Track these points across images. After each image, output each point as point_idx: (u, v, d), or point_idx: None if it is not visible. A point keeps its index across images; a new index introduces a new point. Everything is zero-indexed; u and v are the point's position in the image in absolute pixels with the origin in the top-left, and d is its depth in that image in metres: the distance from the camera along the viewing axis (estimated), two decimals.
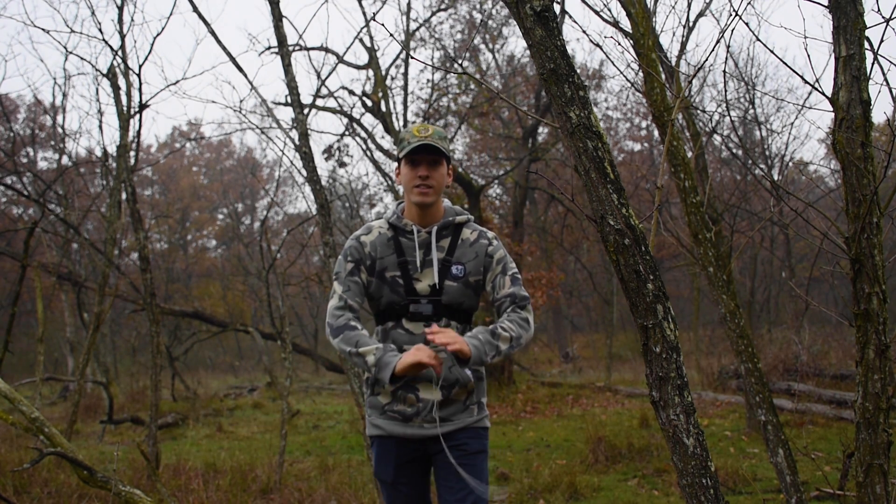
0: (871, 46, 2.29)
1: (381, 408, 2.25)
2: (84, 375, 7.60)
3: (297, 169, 6.05)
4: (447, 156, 2.24)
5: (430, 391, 2.18)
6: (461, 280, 2.23)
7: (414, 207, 2.25)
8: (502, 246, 2.34)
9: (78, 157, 13.00)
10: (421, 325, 2.19)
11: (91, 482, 3.21)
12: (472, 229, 2.32)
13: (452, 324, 2.23)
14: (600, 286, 17.68)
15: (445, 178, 2.26)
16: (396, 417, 2.23)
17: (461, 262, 2.25)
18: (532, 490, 5.05)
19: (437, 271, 2.21)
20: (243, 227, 31.02)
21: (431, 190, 2.20)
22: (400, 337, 2.20)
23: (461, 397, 2.24)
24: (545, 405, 10.05)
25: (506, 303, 2.27)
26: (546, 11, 1.67)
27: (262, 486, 5.29)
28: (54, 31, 12.33)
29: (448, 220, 2.29)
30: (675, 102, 3.34)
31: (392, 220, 2.29)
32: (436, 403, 2.20)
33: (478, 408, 2.27)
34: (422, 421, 2.20)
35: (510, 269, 2.29)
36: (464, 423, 2.22)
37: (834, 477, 4.69)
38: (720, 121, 10.00)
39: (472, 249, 2.28)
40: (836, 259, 4.74)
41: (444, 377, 2.17)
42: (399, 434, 2.22)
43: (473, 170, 15.73)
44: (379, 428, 2.26)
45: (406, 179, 2.23)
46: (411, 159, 2.20)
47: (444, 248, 2.26)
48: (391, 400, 2.23)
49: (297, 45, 9.22)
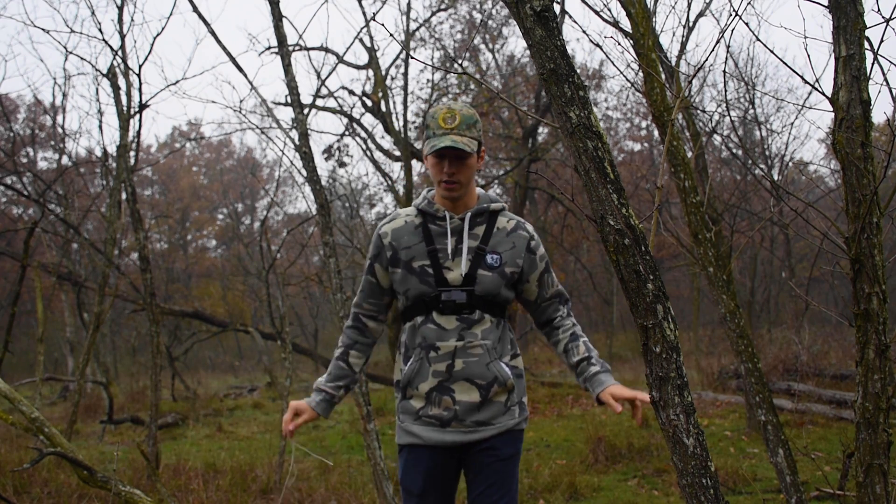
0: (871, 46, 2.28)
1: (414, 413, 2.09)
2: (84, 375, 7.60)
3: (297, 169, 6.04)
4: (478, 145, 2.08)
5: (468, 392, 2.05)
6: (497, 270, 2.08)
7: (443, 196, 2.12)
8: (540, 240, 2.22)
9: (78, 157, 13.00)
10: (453, 318, 2.04)
11: (91, 482, 3.21)
12: (507, 218, 2.17)
13: (486, 317, 2.07)
14: (600, 286, 17.68)
15: (475, 167, 2.11)
16: (433, 423, 2.06)
17: (497, 252, 2.10)
18: (532, 490, 5.05)
19: (471, 259, 2.07)
20: (243, 227, 31.03)
21: (458, 185, 2.06)
22: (431, 333, 2.05)
23: (501, 397, 2.08)
24: (545, 405, 10.05)
25: (555, 303, 2.21)
26: (546, 11, 1.67)
27: (262, 486, 5.29)
28: (54, 31, 12.33)
29: (483, 207, 2.13)
30: (675, 102, 3.34)
31: (422, 205, 2.14)
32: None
33: (519, 408, 2.13)
34: (460, 425, 2.05)
35: (551, 268, 2.22)
36: (506, 426, 2.08)
37: (834, 477, 4.69)
38: (720, 121, 10.00)
39: (510, 239, 2.13)
40: (836, 259, 4.75)
41: (481, 375, 2.04)
42: (436, 441, 2.06)
43: None
44: (414, 436, 2.09)
45: (433, 172, 2.09)
46: (437, 155, 2.06)
47: (479, 235, 2.10)
48: (425, 404, 2.07)
49: (297, 45, 9.22)
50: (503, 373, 2.07)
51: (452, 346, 2.05)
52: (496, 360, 2.07)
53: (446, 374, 2.05)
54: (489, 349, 2.06)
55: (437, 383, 2.05)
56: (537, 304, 2.21)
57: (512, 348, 2.15)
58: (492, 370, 2.06)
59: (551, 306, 2.22)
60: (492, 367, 2.06)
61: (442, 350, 2.05)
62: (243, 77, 5.13)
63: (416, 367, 2.08)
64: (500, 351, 2.10)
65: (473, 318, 2.06)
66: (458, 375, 2.04)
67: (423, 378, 2.07)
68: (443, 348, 2.05)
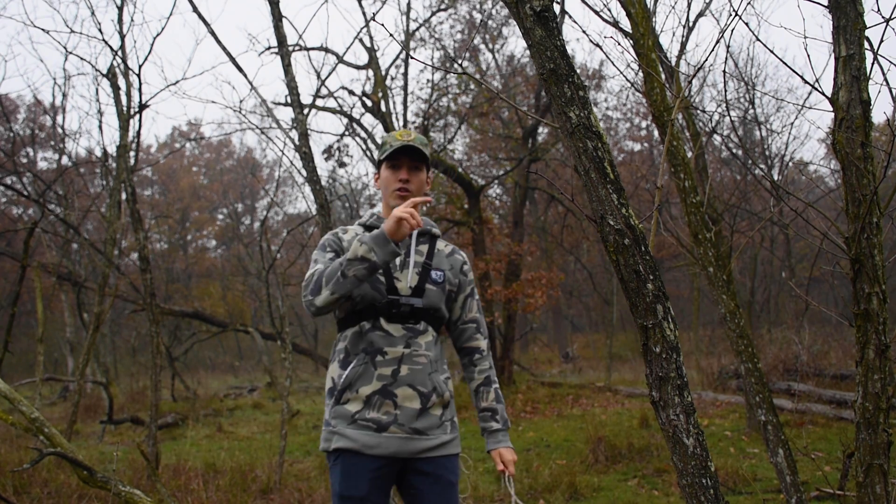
0: (871, 46, 2.29)
1: (349, 417, 2.07)
2: (84, 375, 7.60)
3: (297, 169, 6.05)
4: (428, 163, 2.25)
5: (410, 398, 2.08)
6: (440, 285, 2.21)
7: (392, 211, 2.21)
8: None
9: (78, 157, 13.01)
10: (400, 326, 2.11)
11: (91, 482, 3.21)
12: (444, 243, 2.33)
13: (430, 329, 2.17)
14: (600, 286, 17.68)
15: (425, 185, 2.25)
16: (369, 426, 2.05)
17: (441, 269, 2.23)
18: (532, 490, 5.05)
19: (418, 273, 2.18)
20: (243, 227, 31.06)
21: (411, 194, 2.19)
22: (378, 339, 2.10)
23: (437, 411, 2.13)
24: (545, 405, 10.06)
25: (471, 328, 2.30)
26: (546, 11, 1.67)
27: (262, 486, 5.29)
28: (54, 32, 12.34)
29: (426, 229, 2.28)
30: (675, 102, 3.34)
31: (370, 221, 2.26)
32: (509, 479, 2.23)
33: (451, 426, 2.18)
34: (399, 430, 2.05)
35: (476, 294, 2.35)
36: (439, 439, 2.11)
37: (834, 477, 4.69)
38: (720, 121, 10.01)
39: (448, 261, 2.28)
40: (836, 259, 4.75)
41: (423, 383, 2.10)
42: (373, 447, 2.04)
43: (473, 170, 15.72)
44: (349, 439, 2.05)
45: (386, 182, 2.21)
46: (392, 163, 2.20)
47: (423, 252, 2.24)
48: (363, 407, 2.07)
49: (297, 45, 9.22)
50: (441, 385, 2.15)
51: (400, 352, 2.10)
52: (436, 372, 2.16)
53: (391, 379, 2.08)
54: (431, 360, 2.14)
55: (381, 387, 2.07)
56: (456, 324, 2.31)
57: (446, 370, 2.24)
58: (433, 380, 2.13)
59: (468, 331, 2.30)
60: (433, 378, 2.13)
61: (389, 355, 2.09)
62: (243, 77, 5.13)
63: (359, 370, 2.09)
64: (438, 367, 2.19)
65: (419, 329, 2.15)
66: (402, 380, 2.08)
67: (367, 381, 2.08)
68: (390, 353, 2.10)
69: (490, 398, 2.26)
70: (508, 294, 11.58)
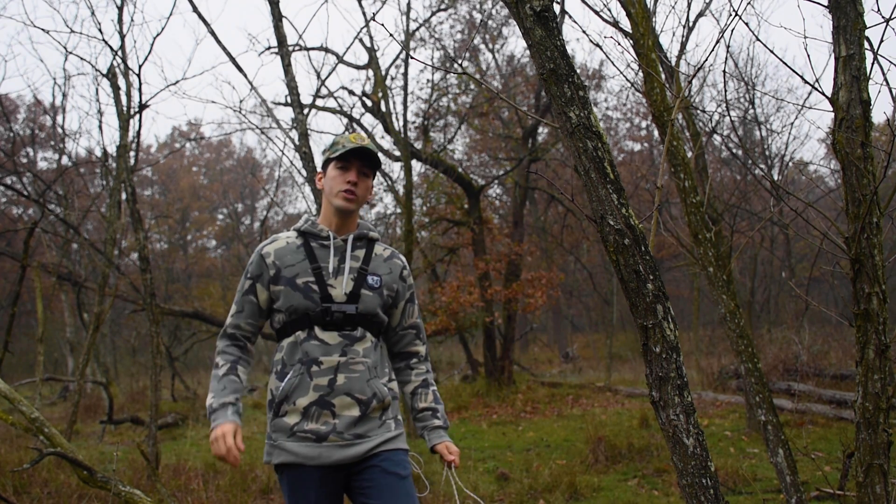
0: (871, 46, 2.29)
1: (288, 429, 2.04)
2: (84, 375, 7.60)
3: (297, 169, 6.05)
4: (376, 172, 2.24)
5: (348, 407, 2.06)
6: (377, 291, 2.16)
7: (332, 214, 2.20)
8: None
9: (78, 157, 13.01)
10: (336, 334, 2.08)
11: (91, 482, 3.21)
12: (384, 247, 2.29)
13: (368, 335, 2.13)
14: (600, 286, 17.68)
15: (370, 191, 2.24)
16: (309, 437, 2.02)
17: (377, 274, 2.19)
18: (532, 490, 5.05)
19: (353, 279, 2.14)
20: (243, 227, 31.05)
21: (356, 198, 2.17)
22: (313, 349, 2.06)
23: (377, 413, 2.11)
24: (545, 405, 10.06)
25: (410, 334, 2.28)
26: (546, 11, 1.67)
27: (262, 486, 5.29)
28: (54, 32, 12.32)
29: (363, 232, 2.24)
30: (675, 102, 3.34)
31: (305, 227, 2.22)
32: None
33: (395, 423, 2.16)
34: (338, 438, 2.03)
35: (416, 300, 2.32)
36: (382, 437, 2.09)
37: (834, 477, 4.69)
38: (720, 121, 10.00)
39: (387, 265, 2.24)
40: (836, 259, 4.75)
41: (361, 390, 2.07)
42: (313, 458, 2.02)
43: (473, 170, 15.72)
44: (289, 453, 2.03)
45: (332, 183, 2.18)
46: (342, 164, 2.17)
47: (360, 258, 2.19)
48: (301, 419, 2.04)
49: (297, 45, 9.22)
50: (382, 391, 2.12)
51: (336, 360, 2.07)
52: (375, 378, 2.12)
53: (328, 389, 2.05)
54: (370, 367, 2.11)
55: (318, 397, 2.04)
56: (395, 330, 2.29)
57: (389, 372, 2.22)
58: (372, 387, 2.09)
59: (407, 336, 2.29)
60: (372, 384, 2.10)
61: (325, 364, 2.06)
62: (243, 77, 5.14)
63: (295, 381, 2.06)
64: (378, 372, 2.15)
65: (356, 336, 2.11)
66: (339, 390, 2.05)
67: (303, 392, 2.05)
68: (326, 363, 2.06)
69: (429, 399, 2.25)
70: (508, 294, 11.58)
